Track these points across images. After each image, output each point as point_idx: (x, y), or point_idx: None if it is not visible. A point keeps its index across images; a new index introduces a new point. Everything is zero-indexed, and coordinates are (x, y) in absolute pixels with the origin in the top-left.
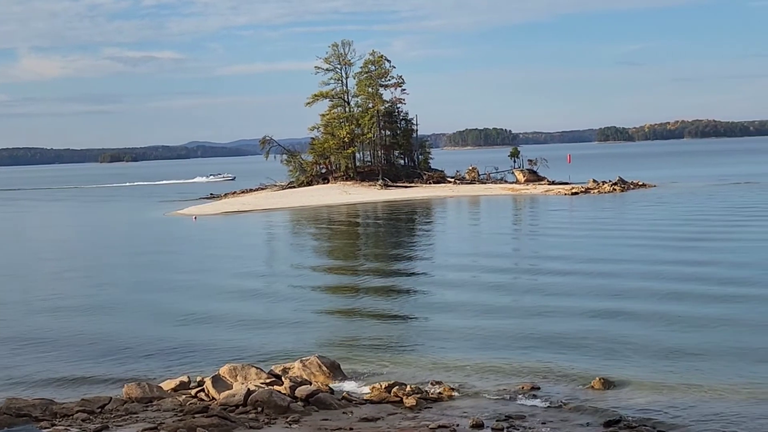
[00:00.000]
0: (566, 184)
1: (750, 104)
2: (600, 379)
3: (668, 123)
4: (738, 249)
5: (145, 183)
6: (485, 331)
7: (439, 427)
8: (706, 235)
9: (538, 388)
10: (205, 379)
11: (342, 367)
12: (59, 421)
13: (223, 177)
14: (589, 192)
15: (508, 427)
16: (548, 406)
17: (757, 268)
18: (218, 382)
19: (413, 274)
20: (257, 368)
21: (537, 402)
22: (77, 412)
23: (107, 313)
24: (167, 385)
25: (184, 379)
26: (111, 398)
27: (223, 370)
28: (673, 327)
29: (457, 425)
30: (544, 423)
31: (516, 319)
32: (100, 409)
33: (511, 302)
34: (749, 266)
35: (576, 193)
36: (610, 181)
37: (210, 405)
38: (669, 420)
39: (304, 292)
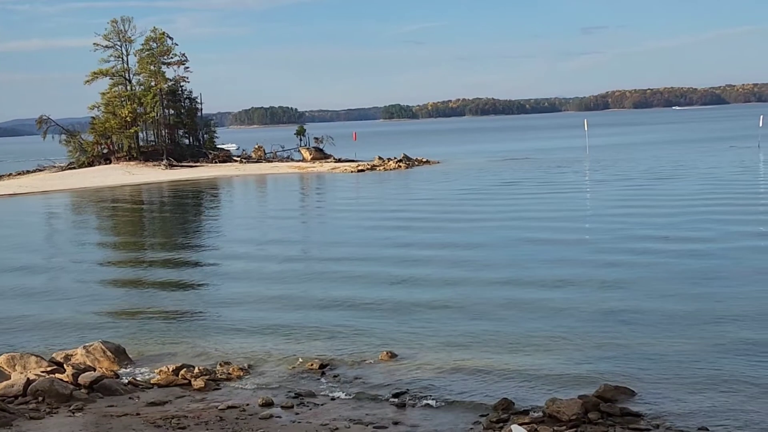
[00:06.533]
0: (352, 161)
1: (526, 83)
2: (387, 353)
3: (450, 101)
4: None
5: None
6: (273, 311)
7: (229, 407)
8: (481, 215)
9: (327, 365)
10: None
11: (128, 351)
12: None
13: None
14: (375, 169)
15: (298, 404)
16: (338, 382)
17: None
18: None
19: (200, 256)
20: (37, 356)
21: (327, 378)
22: None
23: None
24: None
25: None
26: None
27: (0, 360)
28: (457, 300)
29: (247, 405)
30: (334, 398)
31: (304, 297)
32: None
33: (299, 281)
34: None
35: (362, 171)
36: (395, 158)
37: None
38: (453, 388)
39: (87, 276)
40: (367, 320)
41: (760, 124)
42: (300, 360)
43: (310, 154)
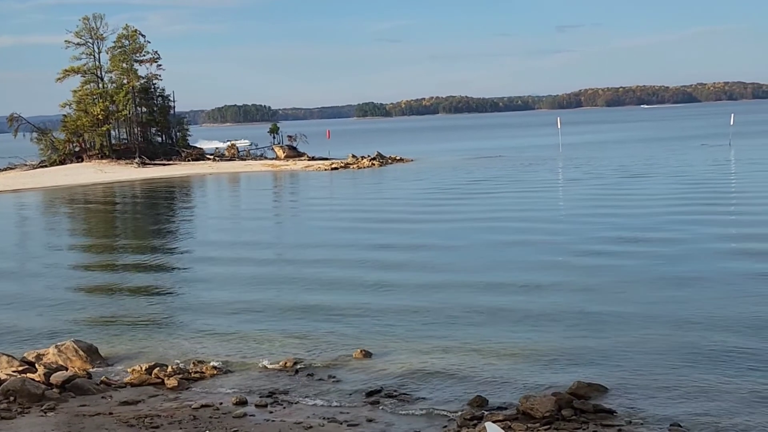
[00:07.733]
0: (326, 159)
1: (500, 81)
2: (361, 351)
3: (424, 99)
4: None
5: None
6: (247, 313)
7: (202, 406)
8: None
9: (301, 363)
10: None
11: (100, 350)
12: None
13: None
14: (349, 167)
15: (271, 403)
16: (311, 380)
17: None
18: None
19: (173, 259)
20: (8, 356)
21: (300, 376)
22: None
23: None
24: None
25: None
26: None
27: None
28: (432, 302)
29: (221, 403)
30: (308, 396)
31: (278, 296)
32: None
33: (274, 283)
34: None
35: (336, 169)
36: (368, 156)
37: None
38: (427, 386)
39: (59, 281)
40: (342, 321)
41: (731, 123)
42: (274, 359)
43: (284, 152)
